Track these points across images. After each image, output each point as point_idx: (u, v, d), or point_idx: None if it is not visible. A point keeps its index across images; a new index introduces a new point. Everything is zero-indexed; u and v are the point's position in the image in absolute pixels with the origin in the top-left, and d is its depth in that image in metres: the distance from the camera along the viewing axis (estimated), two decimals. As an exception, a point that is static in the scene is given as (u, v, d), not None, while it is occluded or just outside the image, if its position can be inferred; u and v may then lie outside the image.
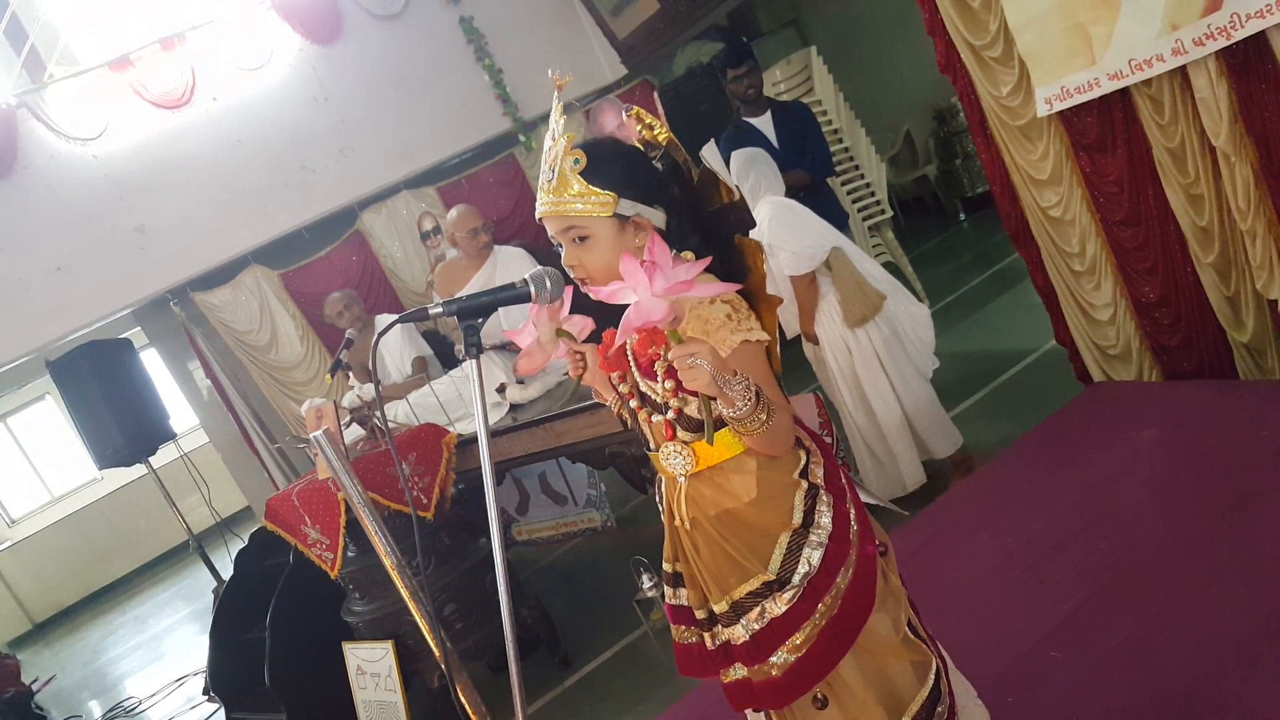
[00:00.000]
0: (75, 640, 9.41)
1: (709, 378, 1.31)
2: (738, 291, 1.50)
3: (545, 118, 6.09)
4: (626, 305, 1.61)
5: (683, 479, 1.57)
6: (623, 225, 1.49)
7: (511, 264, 4.24)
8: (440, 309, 1.45)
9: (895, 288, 3.60)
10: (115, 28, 5.65)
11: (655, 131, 1.57)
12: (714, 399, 1.38)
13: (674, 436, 1.55)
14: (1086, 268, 3.48)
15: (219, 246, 5.65)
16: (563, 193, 1.47)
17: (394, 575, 1.81)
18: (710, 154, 4.22)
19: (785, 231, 3.39)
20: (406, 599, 1.83)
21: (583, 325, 1.56)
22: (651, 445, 1.62)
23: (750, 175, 3.49)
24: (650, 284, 1.24)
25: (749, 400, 1.36)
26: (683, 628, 1.68)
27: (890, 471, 3.63)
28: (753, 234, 3.53)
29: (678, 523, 1.61)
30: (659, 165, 1.58)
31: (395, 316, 1.58)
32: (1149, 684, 2.11)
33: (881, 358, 3.49)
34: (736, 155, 3.58)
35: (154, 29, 5.51)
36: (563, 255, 1.53)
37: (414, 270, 6.12)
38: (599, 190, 1.45)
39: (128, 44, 5.42)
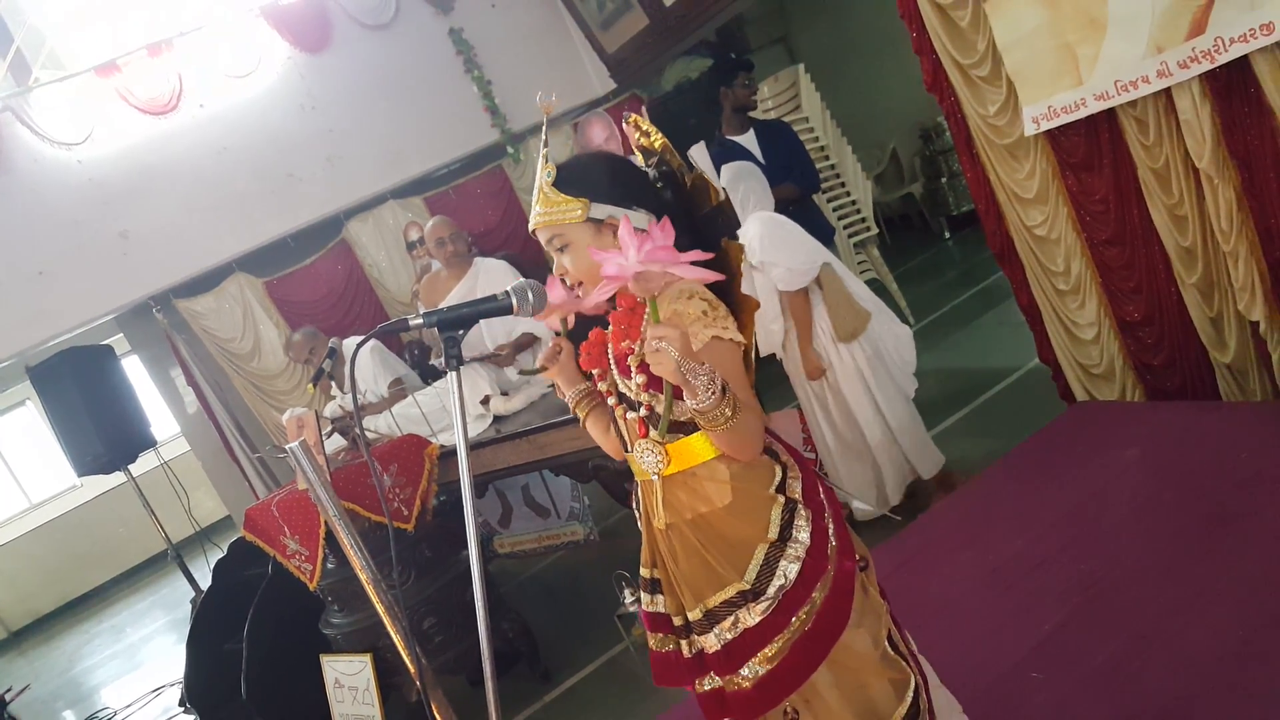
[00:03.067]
0: (51, 649, 9.29)
1: (674, 364, 1.33)
2: (717, 293, 1.53)
3: (533, 130, 6.12)
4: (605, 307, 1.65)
5: (656, 478, 1.58)
6: (599, 229, 1.55)
7: (493, 276, 4.23)
8: (421, 320, 1.45)
9: (879, 307, 3.60)
10: (102, 33, 5.63)
11: (651, 139, 1.64)
12: (678, 391, 1.41)
13: (646, 434, 1.56)
14: (1071, 286, 3.49)
15: (203, 253, 5.62)
16: (544, 206, 1.55)
17: (369, 590, 1.78)
18: (699, 154, 4.22)
19: (777, 248, 3.39)
20: (382, 614, 1.81)
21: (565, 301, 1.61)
22: (628, 446, 1.63)
23: (739, 189, 3.49)
24: (638, 249, 1.32)
25: (712, 392, 1.37)
26: (660, 635, 1.69)
27: (867, 491, 3.62)
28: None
29: (656, 524, 1.62)
30: (654, 171, 1.65)
31: (369, 332, 1.57)
32: (1130, 704, 2.10)
33: (865, 375, 3.50)
34: (726, 169, 3.58)
35: (142, 34, 5.49)
36: (554, 266, 1.60)
37: (400, 280, 6.10)
38: (570, 198, 1.53)
39: (115, 49, 5.39)
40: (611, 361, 1.61)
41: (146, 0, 5.67)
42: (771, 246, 3.38)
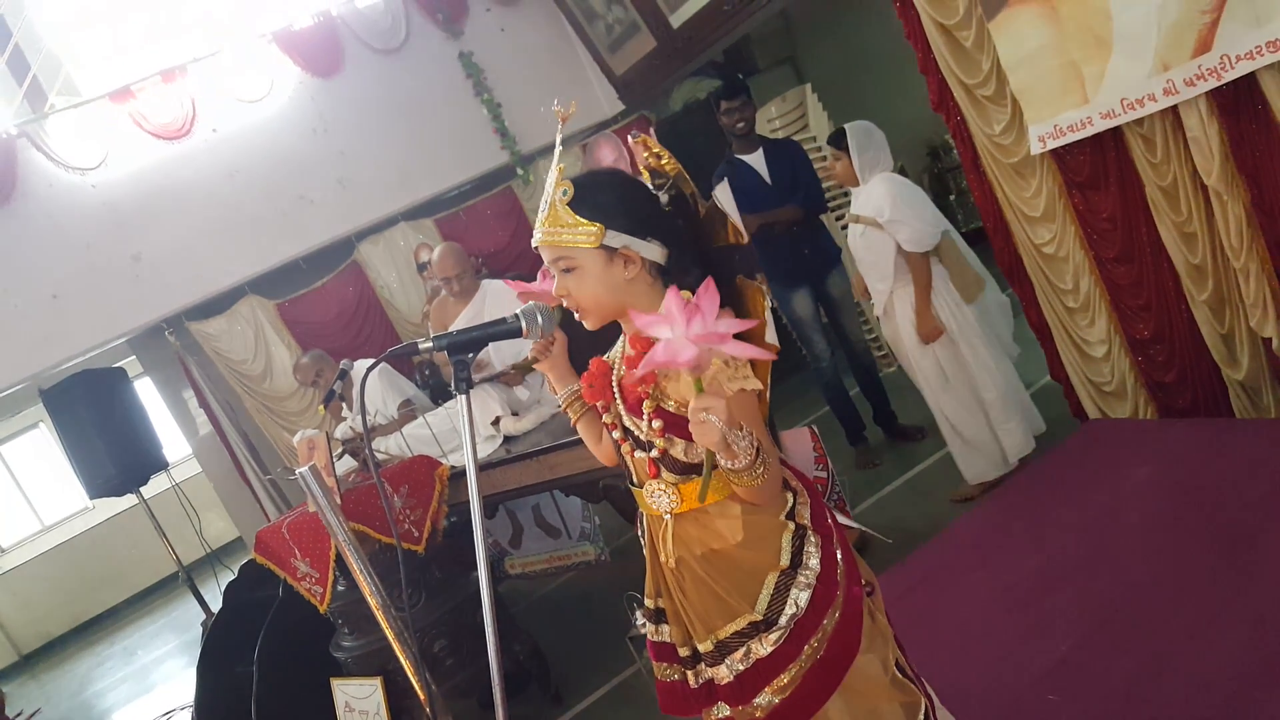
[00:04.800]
0: (62, 672, 9.29)
1: (720, 435, 1.29)
2: (736, 335, 1.47)
3: (543, 152, 6.11)
4: (620, 333, 1.62)
5: (668, 516, 1.55)
6: (611, 257, 1.47)
7: (500, 298, 4.22)
8: (430, 344, 1.45)
9: (985, 273, 3.71)
10: (117, 59, 5.69)
11: (663, 161, 1.54)
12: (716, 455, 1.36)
13: (658, 475, 1.54)
14: (1080, 304, 3.49)
15: (215, 276, 5.65)
16: (553, 224, 1.47)
17: (378, 614, 1.78)
18: (723, 194, 4.22)
19: (908, 208, 3.47)
20: (391, 639, 1.81)
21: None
22: (634, 480, 1.60)
23: (870, 149, 3.59)
24: (687, 325, 1.21)
25: (750, 455, 1.34)
26: (665, 665, 1.67)
27: (989, 448, 3.63)
28: (870, 208, 3.50)
29: (663, 560, 1.60)
30: (665, 195, 1.55)
31: (379, 356, 1.56)
32: (1146, 727, 2.08)
33: (984, 334, 3.59)
34: (853, 127, 3.63)
35: (155, 60, 5.55)
36: (554, 285, 1.53)
37: (410, 301, 6.12)
38: (586, 221, 1.45)
39: (129, 75, 5.45)
40: (618, 397, 1.56)
41: (160, 27, 5.74)
42: (903, 204, 3.46)
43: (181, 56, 5.54)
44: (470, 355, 1.46)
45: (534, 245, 1.53)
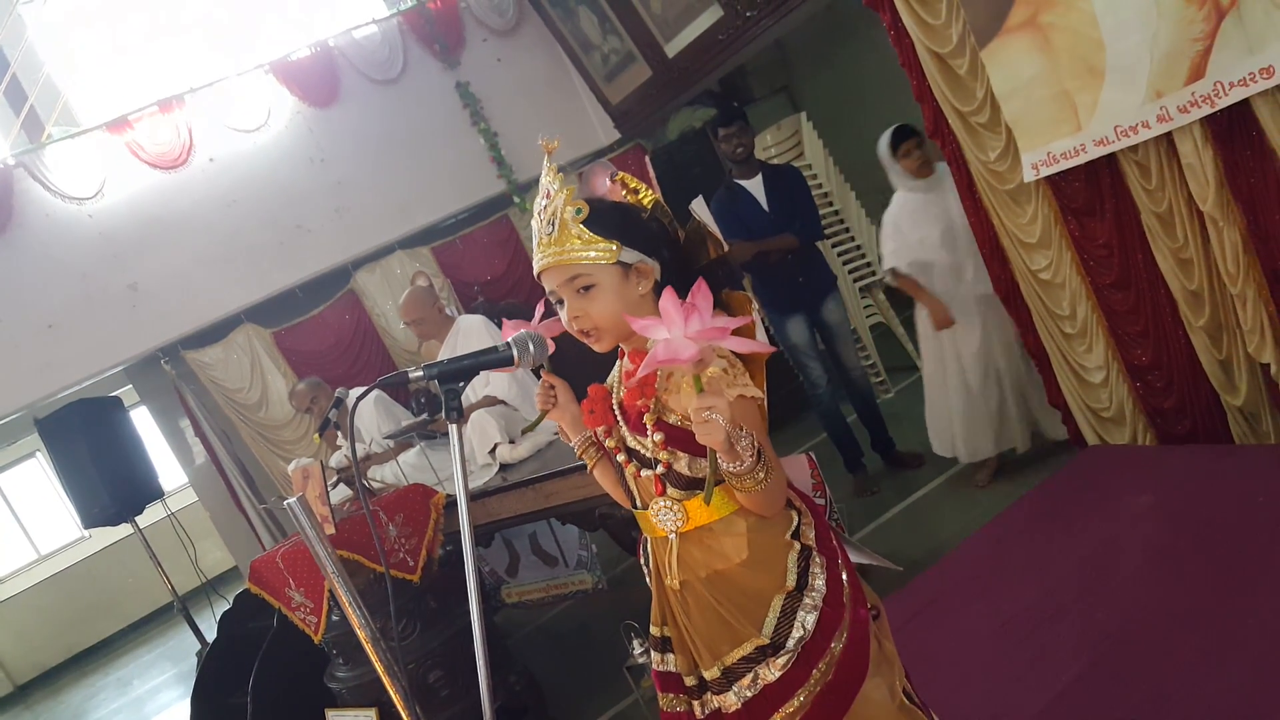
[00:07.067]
0: (57, 703, 9.19)
1: (724, 433, 1.29)
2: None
3: (539, 180, 6.13)
4: (616, 358, 1.62)
5: (674, 536, 1.53)
6: (626, 273, 1.47)
7: (470, 336, 4.22)
8: (421, 373, 1.43)
9: None
10: (115, 89, 5.73)
11: (640, 195, 1.57)
12: (719, 456, 1.36)
13: (663, 492, 1.52)
14: (1078, 330, 3.48)
15: (211, 305, 5.65)
16: (565, 243, 1.46)
17: (368, 648, 1.76)
18: (699, 206, 4.23)
19: None
20: (380, 672, 1.78)
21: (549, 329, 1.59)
22: (638, 503, 1.58)
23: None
24: (685, 324, 1.24)
25: (752, 455, 1.34)
26: (671, 695, 1.63)
27: (1014, 424, 3.90)
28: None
29: (668, 583, 1.58)
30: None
31: (370, 385, 1.55)
32: (1150, 759, 2.05)
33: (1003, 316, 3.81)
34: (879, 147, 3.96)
35: (152, 90, 5.58)
36: (564, 309, 1.51)
37: (407, 330, 6.11)
38: (601, 239, 1.45)
39: (126, 105, 5.48)
40: (619, 417, 1.55)
41: (158, 57, 5.78)
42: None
43: (179, 86, 5.57)
44: (461, 384, 1.45)
45: (538, 270, 1.50)
